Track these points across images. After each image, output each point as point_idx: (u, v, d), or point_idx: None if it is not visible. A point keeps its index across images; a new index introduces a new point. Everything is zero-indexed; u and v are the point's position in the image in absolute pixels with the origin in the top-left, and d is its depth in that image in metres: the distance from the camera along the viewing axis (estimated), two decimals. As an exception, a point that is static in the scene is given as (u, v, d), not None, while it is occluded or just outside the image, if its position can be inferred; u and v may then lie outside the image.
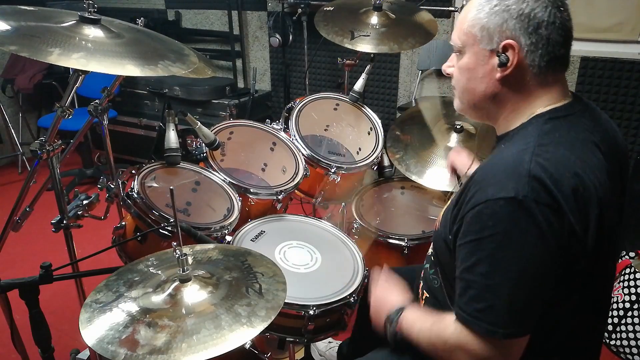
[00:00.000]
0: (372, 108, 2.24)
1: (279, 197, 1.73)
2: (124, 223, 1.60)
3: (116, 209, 1.84)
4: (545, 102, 0.94)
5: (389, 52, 3.05)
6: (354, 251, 1.60)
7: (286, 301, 1.01)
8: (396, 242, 1.79)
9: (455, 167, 1.51)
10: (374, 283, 1.22)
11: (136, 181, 1.52)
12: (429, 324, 0.99)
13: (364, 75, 2.10)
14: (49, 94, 3.89)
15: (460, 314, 0.90)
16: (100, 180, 1.64)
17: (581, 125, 0.93)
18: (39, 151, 1.31)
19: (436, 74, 3.28)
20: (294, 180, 1.81)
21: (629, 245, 2.26)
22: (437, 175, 1.84)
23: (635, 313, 1.97)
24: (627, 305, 2.00)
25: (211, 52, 3.97)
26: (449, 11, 2.96)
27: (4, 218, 1.54)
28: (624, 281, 2.07)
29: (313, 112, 2.12)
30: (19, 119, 3.96)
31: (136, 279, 1.04)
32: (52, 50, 1.09)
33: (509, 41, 0.90)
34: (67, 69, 1.38)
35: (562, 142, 0.89)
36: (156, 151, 3.55)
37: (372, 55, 2.30)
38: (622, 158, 1.00)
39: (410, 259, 1.78)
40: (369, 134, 2.13)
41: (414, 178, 1.87)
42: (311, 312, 1.32)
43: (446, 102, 1.97)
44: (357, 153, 2.15)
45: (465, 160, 1.47)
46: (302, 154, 1.91)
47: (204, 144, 1.71)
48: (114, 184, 1.64)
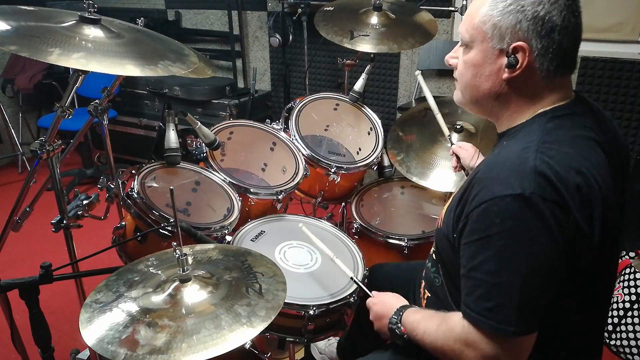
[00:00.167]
0: (372, 108, 2.24)
1: (279, 197, 1.73)
2: (124, 223, 1.60)
3: (116, 209, 1.84)
4: (549, 102, 0.94)
5: (389, 52, 3.06)
6: (354, 251, 1.60)
7: (286, 301, 1.01)
8: (396, 242, 1.80)
9: (458, 156, 1.50)
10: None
11: (136, 181, 1.52)
12: (434, 324, 0.98)
13: (364, 75, 2.10)
14: (49, 94, 3.88)
15: (468, 313, 0.89)
16: (100, 180, 1.64)
17: (584, 123, 0.93)
18: (39, 151, 1.31)
19: (436, 74, 3.27)
20: (294, 180, 1.81)
21: (629, 245, 2.25)
22: (439, 177, 1.83)
23: (635, 313, 1.97)
24: (627, 305, 2.00)
25: (211, 52, 3.96)
26: (449, 11, 2.95)
27: (4, 218, 1.55)
28: (624, 281, 2.07)
29: (313, 112, 2.12)
30: (19, 119, 3.95)
31: (136, 279, 1.04)
32: (52, 50, 1.09)
33: (520, 43, 0.89)
34: (67, 69, 1.38)
35: (566, 140, 0.88)
36: (156, 151, 3.55)
37: (372, 55, 2.30)
38: (623, 157, 1.00)
39: (410, 259, 1.78)
40: (369, 134, 2.13)
41: (415, 180, 1.85)
42: (311, 312, 1.32)
43: (446, 102, 1.97)
44: (357, 153, 2.15)
45: (470, 150, 1.46)
46: (302, 154, 1.91)
47: (204, 144, 1.71)
48: (114, 184, 1.64)
